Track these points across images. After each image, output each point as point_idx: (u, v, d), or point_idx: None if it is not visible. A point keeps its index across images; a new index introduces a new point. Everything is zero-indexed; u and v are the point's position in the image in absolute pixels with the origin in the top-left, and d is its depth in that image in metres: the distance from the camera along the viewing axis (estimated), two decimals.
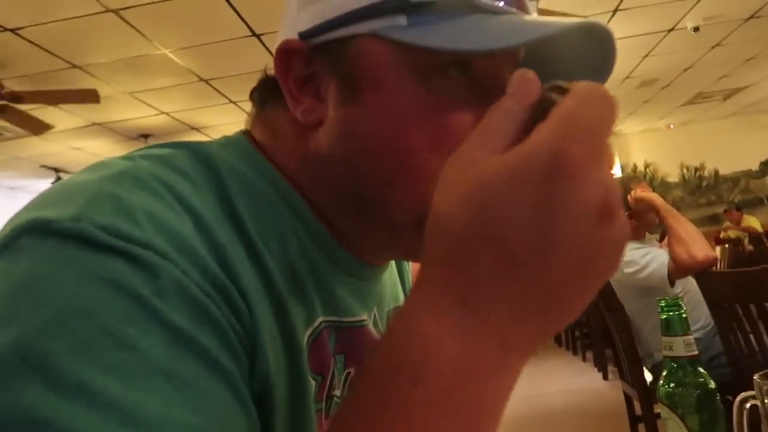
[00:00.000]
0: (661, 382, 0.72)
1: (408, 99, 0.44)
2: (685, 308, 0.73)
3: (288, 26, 0.49)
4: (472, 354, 0.30)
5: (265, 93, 0.53)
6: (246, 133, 0.53)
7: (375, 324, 0.57)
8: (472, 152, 0.32)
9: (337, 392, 0.50)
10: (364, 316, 0.55)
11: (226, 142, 0.50)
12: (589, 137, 0.30)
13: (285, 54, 0.47)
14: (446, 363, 0.30)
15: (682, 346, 0.72)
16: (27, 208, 0.38)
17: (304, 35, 0.46)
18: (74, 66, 4.23)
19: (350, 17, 0.44)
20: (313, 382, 0.46)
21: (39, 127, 4.45)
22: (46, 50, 3.91)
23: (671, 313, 0.73)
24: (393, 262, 0.66)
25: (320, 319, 0.48)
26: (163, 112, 5.48)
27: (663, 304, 0.73)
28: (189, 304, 0.34)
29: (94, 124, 5.53)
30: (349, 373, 0.52)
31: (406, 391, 0.30)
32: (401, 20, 0.43)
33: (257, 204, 0.46)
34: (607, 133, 0.31)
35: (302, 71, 0.47)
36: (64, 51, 3.98)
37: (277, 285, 0.43)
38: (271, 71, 0.50)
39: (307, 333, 0.46)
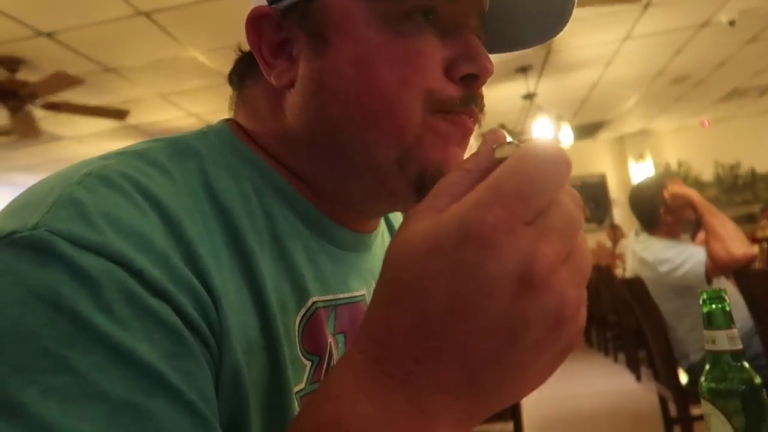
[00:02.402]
0: (704, 377, 0.70)
1: (376, 44, 0.45)
2: (728, 300, 0.70)
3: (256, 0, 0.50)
4: (385, 417, 0.29)
5: (243, 71, 0.53)
6: (229, 120, 0.53)
7: None
8: (419, 211, 0.31)
9: None
10: (363, 291, 0.54)
11: (207, 131, 0.51)
12: (515, 202, 0.27)
13: (255, 21, 0.49)
14: (356, 425, 0.30)
15: (725, 340, 0.69)
16: None
17: (272, 0, 0.48)
18: (107, 69, 4.32)
19: None
20: (308, 364, 0.46)
21: (120, 114, 4.54)
22: (80, 53, 4.00)
23: (714, 306, 0.70)
24: (386, 237, 0.65)
25: (313, 299, 0.47)
26: (192, 114, 5.56)
27: (705, 296, 0.71)
28: (138, 312, 0.34)
29: (126, 126, 5.64)
30: None
31: None
32: None
33: (242, 188, 0.46)
34: (542, 195, 0.28)
35: (274, 36, 0.48)
36: (96, 54, 4.06)
37: (260, 271, 0.43)
38: (246, 47, 0.51)
39: (300, 314, 0.46)
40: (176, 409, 0.33)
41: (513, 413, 2.51)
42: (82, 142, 5.97)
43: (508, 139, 0.32)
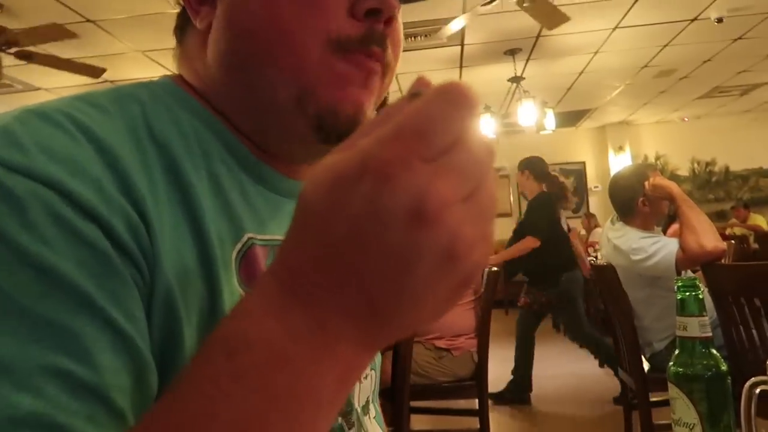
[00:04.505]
0: (672, 361, 0.72)
1: None
2: (701, 289, 0.72)
3: None
4: (291, 334, 0.31)
5: (183, 23, 0.55)
6: (171, 76, 0.55)
7: None
8: (337, 148, 0.32)
9: None
10: None
11: (149, 82, 0.52)
12: (413, 139, 0.29)
13: None
14: (261, 339, 0.31)
15: (696, 327, 0.71)
16: None
17: None
18: (88, 20, 4.19)
19: None
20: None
21: (95, 71, 4.41)
22: (61, 2, 3.87)
23: (687, 294, 0.72)
24: None
25: (248, 235, 0.49)
26: (175, 74, 5.45)
27: (680, 283, 0.72)
28: (65, 233, 0.35)
29: (106, 81, 5.50)
30: None
31: (219, 363, 0.31)
32: None
33: (181, 129, 0.48)
34: (443, 135, 0.29)
35: None
36: (78, 4, 3.94)
37: (199, 204, 0.44)
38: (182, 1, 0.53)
39: (236, 249, 0.47)
40: (98, 326, 0.34)
41: (478, 390, 2.56)
42: (59, 94, 5.80)
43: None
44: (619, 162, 8.97)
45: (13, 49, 3.86)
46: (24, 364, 0.31)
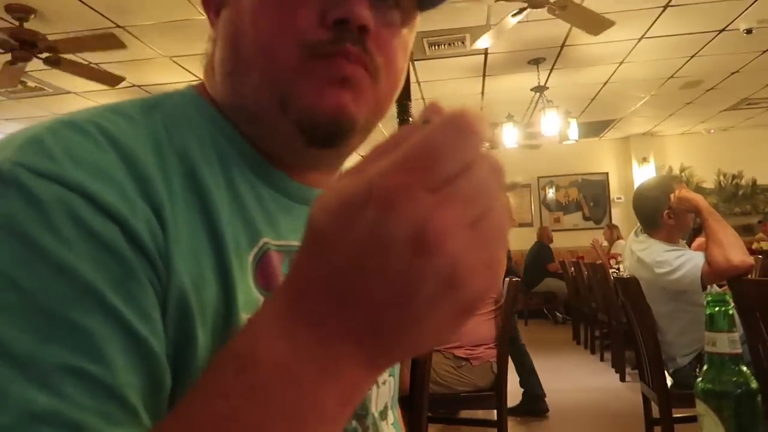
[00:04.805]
0: (701, 377, 0.70)
1: None
2: (731, 304, 0.71)
3: None
4: (296, 353, 0.32)
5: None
6: (194, 85, 0.57)
7: None
8: (347, 172, 0.32)
9: None
10: None
11: (173, 92, 0.55)
12: (418, 168, 0.29)
13: None
14: (269, 358, 0.32)
15: (726, 343, 0.70)
16: None
17: None
18: (118, 26, 4.27)
19: None
20: (261, 298, 0.49)
21: (114, 79, 4.56)
22: (91, 7, 3.95)
23: (717, 309, 0.71)
24: None
25: (264, 239, 0.50)
26: (201, 80, 5.52)
27: (709, 298, 0.71)
28: (85, 235, 0.37)
29: (133, 85, 5.60)
30: None
31: (228, 379, 0.32)
32: None
33: (199, 137, 0.50)
34: (448, 163, 0.30)
35: None
36: (109, 10, 4.02)
37: (216, 209, 0.46)
38: None
39: (252, 253, 0.49)
40: (111, 327, 0.36)
41: (497, 401, 2.54)
42: (89, 98, 5.92)
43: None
44: (643, 173, 8.85)
45: (44, 55, 3.95)
46: (41, 362, 0.33)
